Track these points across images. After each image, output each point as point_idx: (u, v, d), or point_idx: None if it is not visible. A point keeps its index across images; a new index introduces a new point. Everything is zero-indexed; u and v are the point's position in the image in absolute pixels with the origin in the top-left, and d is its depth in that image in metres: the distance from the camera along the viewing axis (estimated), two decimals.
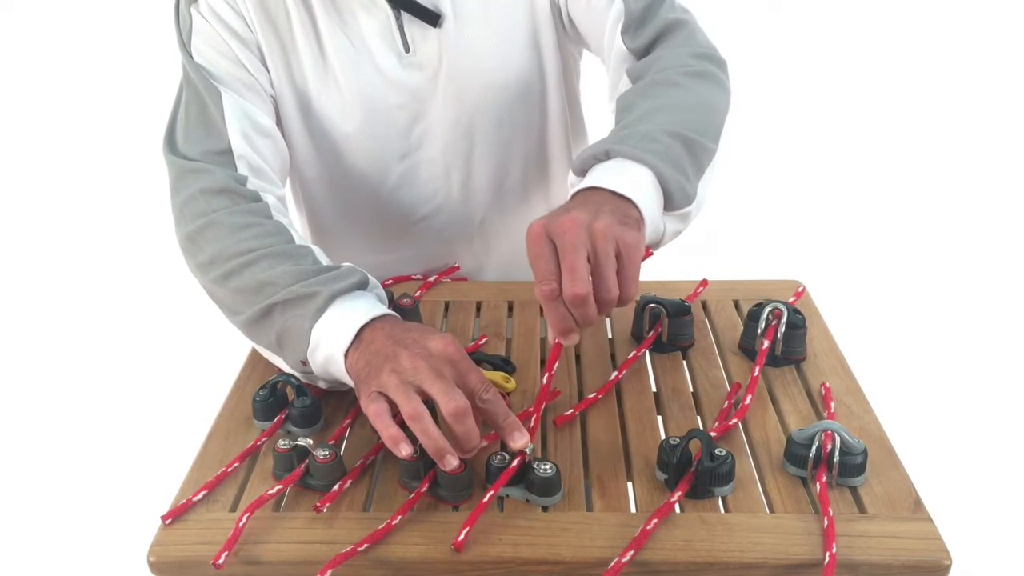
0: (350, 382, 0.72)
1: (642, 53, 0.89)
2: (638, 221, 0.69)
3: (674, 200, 0.74)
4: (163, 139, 0.89)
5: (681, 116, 0.78)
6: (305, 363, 0.74)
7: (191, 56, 0.89)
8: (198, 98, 0.88)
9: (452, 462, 0.65)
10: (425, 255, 1.07)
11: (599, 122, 1.10)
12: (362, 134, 0.97)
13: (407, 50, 0.93)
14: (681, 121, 0.77)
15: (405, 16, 0.91)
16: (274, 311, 0.75)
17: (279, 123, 0.96)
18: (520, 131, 1.01)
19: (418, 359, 0.67)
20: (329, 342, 0.72)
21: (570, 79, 1.04)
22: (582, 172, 0.75)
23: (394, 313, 0.75)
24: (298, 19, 0.91)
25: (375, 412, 0.66)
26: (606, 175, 0.71)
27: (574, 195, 0.72)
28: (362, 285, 0.76)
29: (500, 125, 1.00)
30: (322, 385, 0.78)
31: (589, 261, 0.65)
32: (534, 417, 0.75)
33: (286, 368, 0.78)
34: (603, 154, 0.74)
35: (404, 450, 0.65)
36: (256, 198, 0.83)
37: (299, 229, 1.07)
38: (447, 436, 0.66)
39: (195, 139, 0.87)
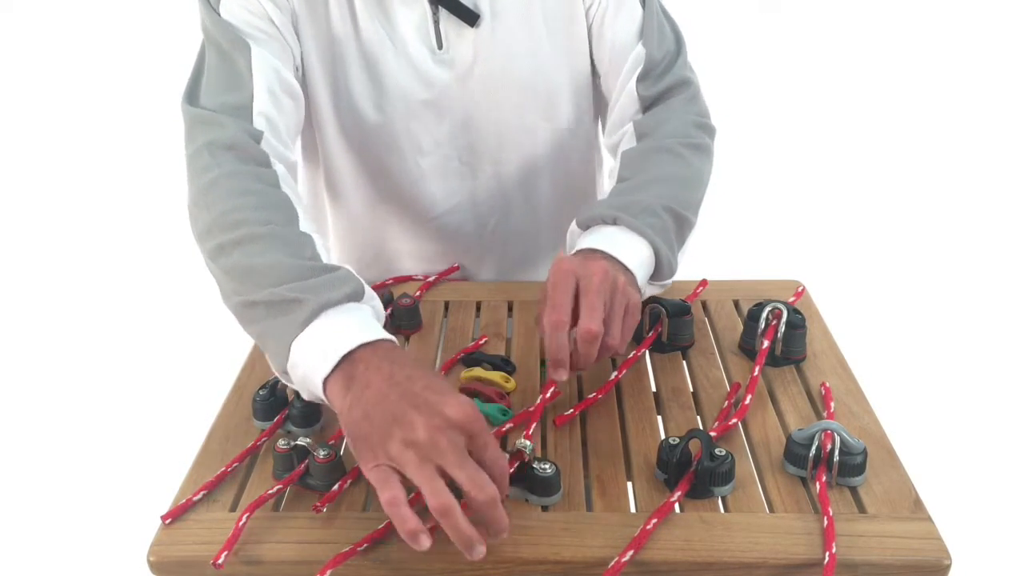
0: (330, 404, 0.65)
1: (649, 102, 0.95)
2: (638, 293, 0.77)
3: (662, 273, 0.81)
4: (183, 92, 0.85)
5: (677, 191, 0.85)
6: (286, 373, 0.68)
7: (218, 14, 0.85)
8: (221, 54, 0.85)
9: (480, 551, 0.57)
10: (434, 250, 1.08)
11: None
12: (389, 125, 0.97)
13: (440, 46, 0.93)
14: (676, 196, 0.84)
15: (442, 12, 0.92)
16: (257, 308, 0.68)
17: (307, 101, 0.95)
18: (546, 138, 1.01)
19: (437, 432, 0.57)
20: (309, 362, 0.64)
21: (599, 93, 1.05)
22: (586, 227, 0.82)
23: (388, 337, 0.66)
24: (336, 7, 0.91)
25: (389, 500, 0.57)
26: (611, 241, 0.77)
27: (580, 251, 0.78)
28: (356, 296, 0.68)
29: (527, 130, 1.00)
30: (304, 396, 0.70)
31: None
32: (533, 418, 0.75)
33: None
34: (611, 219, 0.80)
35: (424, 543, 0.57)
36: (266, 162, 0.79)
37: (327, 211, 1.07)
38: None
39: (215, 92, 0.83)
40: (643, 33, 0.94)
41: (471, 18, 0.92)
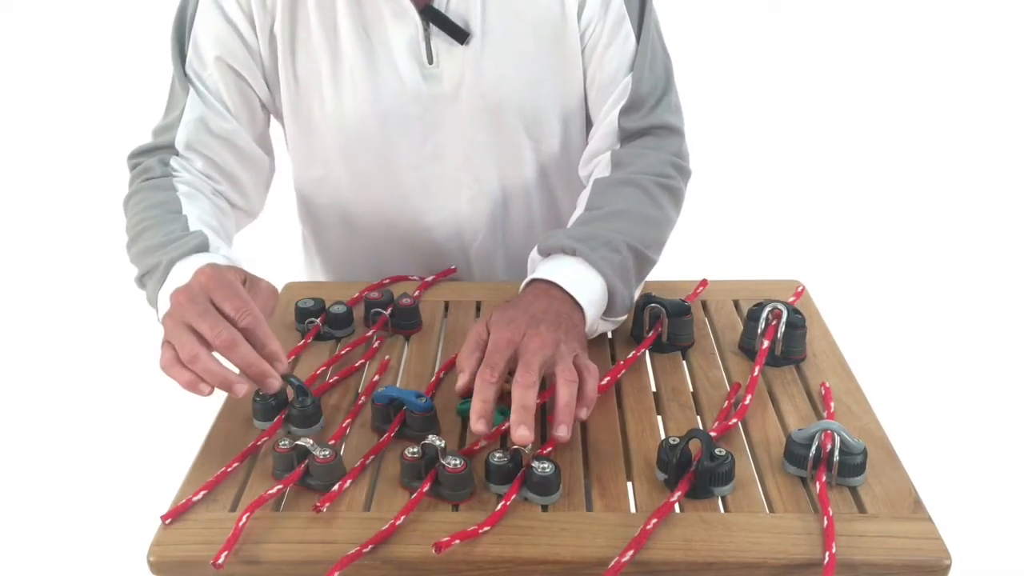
0: None
1: (629, 135, 0.95)
2: (585, 338, 0.79)
3: (615, 310, 0.83)
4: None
5: (641, 228, 0.86)
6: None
7: (182, 59, 0.93)
8: (174, 92, 0.95)
9: (241, 389, 0.68)
10: (419, 265, 1.07)
11: None
12: (375, 141, 0.97)
13: (430, 61, 0.93)
14: (639, 234, 0.86)
15: (433, 29, 0.92)
16: (143, 279, 0.82)
17: (283, 116, 0.98)
18: (534, 159, 1.01)
19: (181, 295, 0.70)
20: (163, 307, 0.75)
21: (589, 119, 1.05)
22: (546, 255, 0.84)
23: (216, 264, 0.76)
24: (317, 17, 0.91)
25: (164, 363, 0.69)
26: (566, 274, 0.79)
27: (532, 283, 0.81)
28: (201, 248, 0.79)
29: (514, 150, 1.00)
30: None
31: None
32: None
33: None
34: (570, 250, 0.81)
35: (204, 389, 0.67)
36: (165, 174, 0.91)
37: (306, 234, 1.10)
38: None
39: (157, 131, 0.95)
40: (634, 66, 0.94)
41: (461, 36, 0.92)
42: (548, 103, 0.98)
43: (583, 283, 0.79)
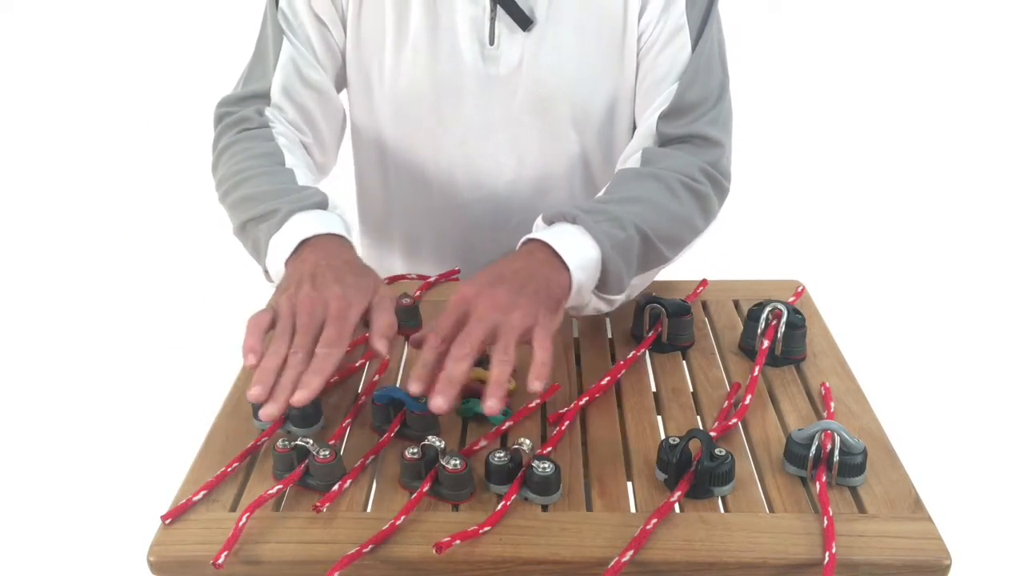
0: None
1: (666, 140, 0.93)
2: (559, 302, 0.74)
3: (608, 286, 0.80)
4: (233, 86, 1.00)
5: (656, 219, 0.84)
6: (267, 272, 0.81)
7: (277, 4, 0.96)
8: (265, 39, 0.98)
9: (256, 391, 0.66)
10: (452, 237, 1.08)
11: None
12: (426, 112, 0.99)
13: (491, 43, 0.95)
14: (654, 222, 0.83)
15: (499, 11, 0.93)
16: (248, 225, 0.83)
17: (346, 81, 1.02)
18: (576, 152, 1.02)
19: (309, 303, 0.71)
20: (279, 251, 0.78)
21: None
22: (549, 222, 0.82)
23: (342, 235, 0.79)
24: None
25: (254, 318, 0.71)
26: (562, 238, 0.77)
27: (527, 241, 0.79)
28: (322, 205, 0.82)
29: (560, 138, 1.00)
30: None
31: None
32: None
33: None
34: (571, 218, 0.80)
35: (250, 360, 0.68)
36: (264, 125, 0.93)
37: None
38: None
39: (248, 80, 0.98)
40: (683, 74, 0.93)
41: (524, 22, 0.93)
42: (599, 99, 0.99)
43: (576, 248, 0.76)
